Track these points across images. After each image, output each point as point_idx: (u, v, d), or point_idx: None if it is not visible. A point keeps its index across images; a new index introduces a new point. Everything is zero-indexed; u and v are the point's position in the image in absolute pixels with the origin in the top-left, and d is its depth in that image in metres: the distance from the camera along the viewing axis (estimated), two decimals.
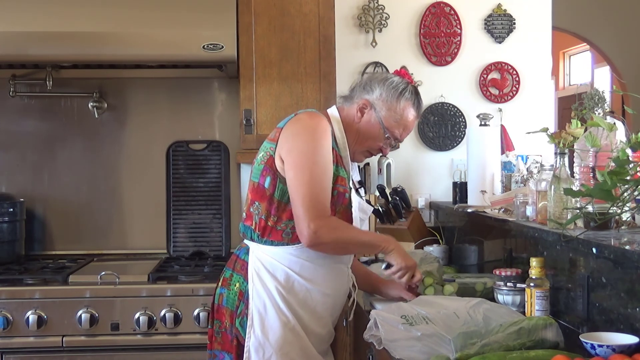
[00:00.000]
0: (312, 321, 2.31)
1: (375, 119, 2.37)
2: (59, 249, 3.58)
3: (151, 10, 3.11)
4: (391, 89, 2.37)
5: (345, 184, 2.31)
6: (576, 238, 2.09)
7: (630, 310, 1.90)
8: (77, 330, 2.90)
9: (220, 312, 2.35)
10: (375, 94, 2.37)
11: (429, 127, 3.77)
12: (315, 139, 2.23)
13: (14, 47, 3.07)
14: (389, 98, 2.36)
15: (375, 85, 2.38)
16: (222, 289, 2.36)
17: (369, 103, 2.37)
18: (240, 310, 2.28)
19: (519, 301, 2.38)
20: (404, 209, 3.44)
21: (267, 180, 2.27)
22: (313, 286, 2.29)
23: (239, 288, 2.30)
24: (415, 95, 2.41)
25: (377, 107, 2.36)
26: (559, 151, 2.35)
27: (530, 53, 3.82)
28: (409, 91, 2.39)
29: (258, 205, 2.29)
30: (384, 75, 2.44)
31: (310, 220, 2.16)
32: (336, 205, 2.28)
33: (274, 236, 2.28)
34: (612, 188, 1.95)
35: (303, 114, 2.32)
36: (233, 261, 2.38)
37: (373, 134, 2.39)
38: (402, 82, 2.40)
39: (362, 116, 2.37)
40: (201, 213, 3.54)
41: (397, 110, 2.37)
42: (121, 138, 3.63)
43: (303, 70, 3.29)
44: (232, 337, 2.30)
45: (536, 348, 1.93)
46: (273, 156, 2.27)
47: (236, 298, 2.30)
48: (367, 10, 3.73)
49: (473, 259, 3.19)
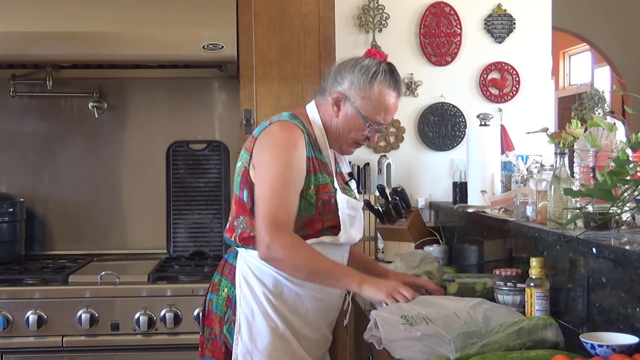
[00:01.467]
0: (304, 326, 2.23)
1: (352, 111, 2.24)
2: (59, 249, 3.58)
3: (151, 10, 3.11)
4: (362, 74, 2.21)
5: (329, 189, 2.22)
6: (576, 238, 2.09)
7: (630, 310, 1.90)
8: (77, 330, 2.91)
9: (210, 318, 2.28)
10: (346, 84, 2.23)
11: (429, 127, 3.77)
12: (282, 154, 2.14)
13: (14, 47, 3.07)
14: (360, 85, 2.21)
15: (345, 74, 2.24)
16: (211, 295, 2.30)
17: (342, 95, 2.23)
18: (228, 317, 2.22)
19: (519, 301, 2.38)
20: (404, 209, 3.45)
21: (244, 193, 2.22)
22: (303, 291, 2.21)
23: (227, 294, 2.23)
24: (390, 74, 2.24)
25: (351, 98, 2.22)
26: (559, 151, 2.35)
27: (530, 53, 3.82)
28: (382, 72, 2.22)
29: (243, 220, 2.23)
30: (354, 60, 2.27)
31: (265, 233, 2.08)
32: (323, 214, 2.21)
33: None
34: (612, 188, 1.95)
35: (275, 125, 2.21)
36: (222, 265, 2.32)
37: (354, 125, 2.26)
38: (373, 64, 2.24)
39: (338, 110, 2.25)
40: (201, 213, 3.54)
41: (372, 95, 2.22)
42: (121, 138, 3.63)
43: (303, 70, 3.29)
44: (221, 343, 2.24)
45: (536, 348, 1.93)
46: (247, 168, 2.21)
47: (224, 304, 2.23)
48: (367, 10, 3.73)
49: (473, 259, 3.19)
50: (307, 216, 2.18)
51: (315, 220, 2.20)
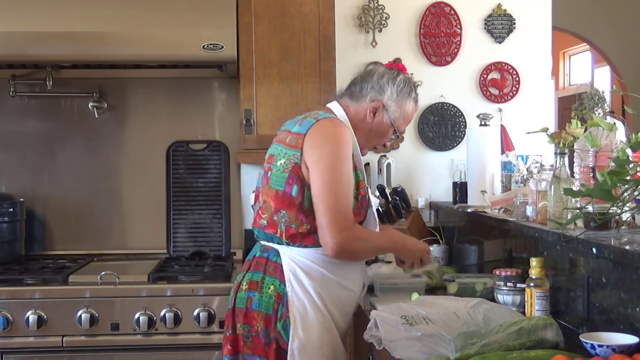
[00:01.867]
0: (340, 318, 2.36)
1: (387, 120, 2.44)
2: (59, 249, 3.58)
3: (151, 10, 3.11)
4: (401, 89, 2.44)
5: (364, 185, 2.36)
6: (576, 238, 2.09)
7: (630, 310, 1.90)
8: (77, 330, 2.90)
9: (249, 315, 2.31)
10: (386, 95, 2.43)
11: (429, 127, 3.77)
12: (340, 150, 2.27)
13: (14, 47, 3.07)
14: (400, 99, 2.44)
15: (385, 85, 2.43)
16: (251, 292, 2.32)
17: (382, 104, 2.42)
18: (281, 313, 2.27)
19: (519, 301, 2.38)
20: (404, 209, 3.44)
21: (294, 188, 2.27)
22: (344, 284, 2.35)
23: (275, 290, 2.29)
24: (416, 91, 2.52)
25: (389, 109, 2.43)
26: (559, 151, 2.35)
27: (530, 53, 3.82)
28: (414, 90, 2.49)
29: (285, 214, 2.29)
30: (390, 73, 2.47)
31: (337, 231, 2.21)
32: (361, 208, 2.34)
33: (306, 241, 2.30)
34: (612, 188, 1.96)
35: (325, 122, 2.32)
36: (262, 264, 2.34)
37: (383, 132, 2.46)
38: (407, 81, 2.48)
39: (374, 116, 2.43)
40: (201, 213, 3.54)
41: (406, 110, 2.47)
42: (121, 138, 3.63)
43: (303, 70, 3.29)
44: (266, 340, 2.28)
45: (536, 348, 1.93)
46: (299, 164, 2.27)
47: (272, 301, 2.28)
48: (367, 10, 3.73)
49: (473, 259, 3.19)
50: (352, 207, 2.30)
51: (355, 214, 2.32)
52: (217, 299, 2.93)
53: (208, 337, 2.92)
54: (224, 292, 2.84)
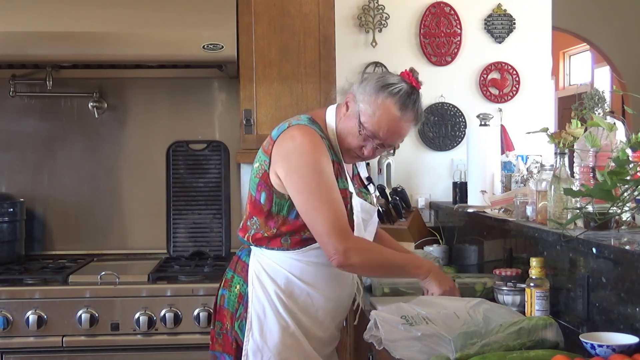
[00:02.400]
0: (314, 326, 2.27)
1: (353, 110, 2.20)
2: (59, 249, 3.58)
3: (151, 10, 3.11)
4: (376, 81, 2.19)
5: (346, 194, 2.22)
6: (576, 238, 2.09)
7: (630, 310, 1.90)
8: (77, 330, 2.91)
9: (221, 313, 2.32)
10: (360, 86, 2.21)
11: (429, 127, 3.77)
12: (312, 160, 2.14)
13: (14, 47, 3.07)
14: (369, 89, 2.17)
15: (368, 79, 2.22)
16: (223, 290, 2.34)
17: (352, 95, 2.21)
18: (240, 313, 2.25)
19: (519, 301, 2.38)
20: (404, 209, 3.44)
21: (262, 195, 2.22)
22: (314, 291, 2.25)
23: (239, 290, 2.27)
24: (405, 96, 2.17)
25: (358, 98, 2.19)
26: (559, 151, 2.35)
27: (530, 53, 3.82)
28: (397, 89, 2.16)
29: (256, 221, 2.26)
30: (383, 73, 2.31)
31: (338, 243, 2.11)
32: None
33: (273, 243, 2.24)
34: (612, 188, 1.95)
35: (295, 129, 2.18)
36: (235, 262, 2.35)
37: (351, 128, 2.21)
38: (394, 79, 2.20)
39: (347, 111, 2.23)
40: (201, 213, 3.54)
41: (374, 104, 2.16)
42: (121, 138, 3.63)
43: (303, 70, 3.29)
44: (232, 339, 2.28)
45: (536, 348, 1.93)
46: (267, 171, 2.20)
47: (236, 300, 2.27)
48: (367, 10, 3.73)
49: (473, 259, 3.19)
50: None
51: None
52: None
53: (208, 337, 2.90)
54: None
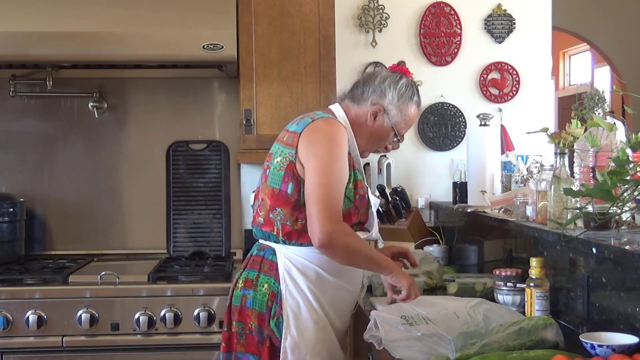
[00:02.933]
0: (337, 318, 2.36)
1: (387, 123, 2.43)
2: (59, 249, 3.58)
3: (151, 10, 3.11)
4: (402, 93, 2.43)
5: (363, 185, 2.37)
6: (576, 238, 2.09)
7: (630, 310, 1.90)
8: (77, 330, 2.90)
9: (244, 313, 2.34)
10: (387, 99, 2.42)
11: (429, 127, 3.77)
12: (333, 147, 2.26)
13: (14, 47, 3.07)
14: (401, 103, 2.43)
15: (387, 89, 2.42)
16: (246, 290, 2.35)
17: (383, 108, 2.42)
18: (274, 311, 2.29)
19: (519, 301, 2.38)
20: (404, 209, 3.45)
21: (289, 186, 2.28)
22: (341, 283, 2.34)
23: (270, 289, 2.31)
24: (418, 95, 2.50)
25: (390, 113, 2.42)
26: (559, 151, 2.35)
27: (530, 53, 3.82)
28: (416, 93, 2.47)
29: (280, 212, 2.30)
30: (392, 77, 2.46)
31: (326, 221, 2.18)
32: (359, 208, 2.34)
33: (302, 238, 2.30)
34: (612, 188, 1.95)
35: (321, 121, 2.32)
36: (258, 262, 2.37)
37: (383, 136, 2.46)
38: (409, 85, 2.46)
39: (374, 120, 2.42)
40: (201, 213, 3.54)
41: (408, 114, 2.45)
42: (121, 138, 3.63)
43: (303, 70, 3.29)
44: (260, 338, 2.30)
45: (536, 348, 1.93)
46: (294, 162, 2.28)
47: (266, 299, 2.30)
48: (367, 10, 3.73)
49: (473, 259, 3.19)
50: (346, 208, 2.30)
51: (352, 214, 2.32)
52: (217, 299, 2.93)
53: (208, 337, 2.92)
54: (223, 292, 2.84)
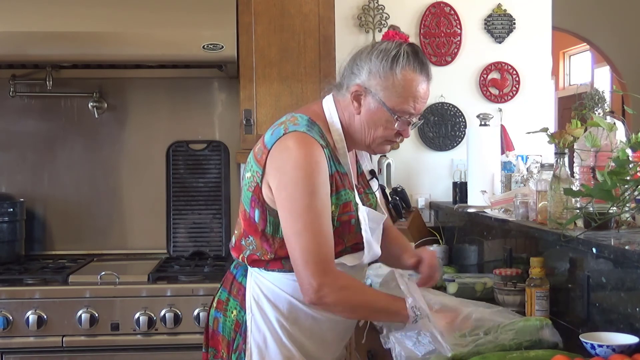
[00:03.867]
0: (320, 350, 2.05)
1: (375, 104, 1.96)
2: (59, 249, 3.58)
3: (151, 10, 3.11)
4: (381, 60, 1.94)
5: (351, 207, 1.98)
6: (576, 238, 2.09)
7: (630, 310, 1.90)
8: (77, 330, 2.90)
9: (215, 339, 2.07)
10: (364, 74, 1.96)
11: (429, 127, 3.77)
12: (306, 177, 1.88)
13: (14, 47, 3.07)
14: (381, 72, 1.94)
15: (362, 63, 1.98)
16: (217, 313, 2.08)
17: (361, 88, 1.97)
18: (237, 344, 2.00)
19: (519, 301, 2.38)
20: (404, 209, 3.44)
21: (256, 213, 1.98)
22: (320, 314, 1.99)
23: (236, 317, 2.02)
24: (414, 56, 1.97)
25: (372, 89, 1.95)
26: (559, 151, 2.35)
27: (530, 53, 3.82)
28: (404, 55, 1.95)
29: (252, 241, 2.00)
30: (369, 47, 2.01)
31: (312, 277, 1.86)
32: (342, 235, 1.97)
33: (272, 266, 1.99)
34: (612, 188, 1.95)
35: (292, 140, 1.92)
36: (229, 281, 2.08)
37: (380, 120, 1.98)
38: (392, 47, 1.96)
39: (360, 105, 1.98)
40: (201, 213, 3.54)
41: (396, 83, 1.94)
42: (121, 138, 3.63)
43: (303, 70, 3.29)
44: None
45: (534, 348, 1.92)
46: (260, 185, 1.95)
47: (232, 328, 2.02)
48: (367, 10, 3.73)
49: (473, 259, 3.19)
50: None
51: (336, 243, 1.94)
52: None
53: None
54: None
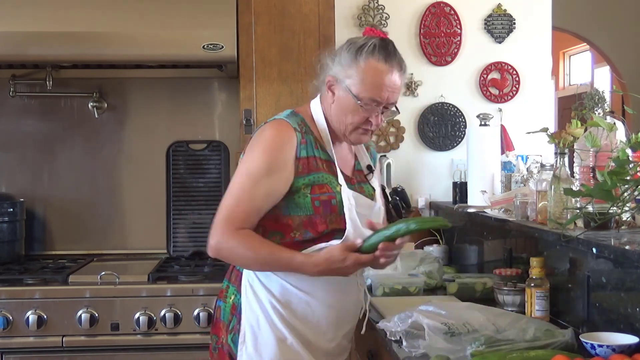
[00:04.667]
0: (317, 337, 2.11)
1: (343, 92, 2.09)
2: (59, 249, 3.58)
3: (151, 10, 3.11)
4: (346, 50, 2.10)
5: (329, 189, 2.08)
6: (576, 238, 2.09)
7: (630, 310, 1.90)
8: (77, 330, 2.90)
9: (217, 326, 2.19)
10: (335, 66, 2.11)
11: (429, 127, 3.77)
12: (264, 154, 2.06)
13: (14, 47, 3.07)
14: (346, 61, 2.08)
15: (333, 55, 2.13)
16: (219, 301, 2.21)
17: (332, 78, 2.11)
18: (233, 326, 2.12)
19: (519, 301, 2.38)
20: (404, 209, 3.45)
21: None
22: (313, 299, 2.09)
23: (233, 301, 2.14)
24: (381, 48, 2.07)
25: (339, 77, 2.09)
26: (559, 151, 2.35)
27: (530, 53, 3.82)
28: (369, 45, 2.07)
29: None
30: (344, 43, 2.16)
31: (217, 232, 2.04)
32: (324, 215, 2.07)
33: None
34: (612, 188, 1.95)
35: (268, 125, 2.13)
36: (230, 271, 2.22)
37: (348, 107, 2.09)
38: (361, 40, 2.11)
39: (333, 95, 2.12)
40: (201, 213, 3.54)
41: (359, 70, 2.06)
42: (121, 138, 3.63)
43: (303, 70, 3.28)
44: (227, 353, 2.14)
45: None
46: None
47: (230, 312, 2.14)
48: (367, 10, 3.73)
49: (473, 259, 3.19)
50: (304, 214, 2.07)
51: (318, 222, 2.07)
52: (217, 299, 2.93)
53: (208, 337, 2.89)
54: None
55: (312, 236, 2.09)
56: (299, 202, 2.08)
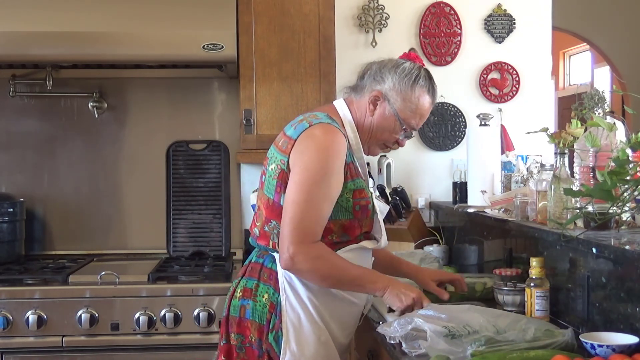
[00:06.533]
0: (339, 332, 2.20)
1: (389, 111, 2.22)
2: (59, 249, 3.58)
3: (151, 10, 3.11)
4: (404, 76, 2.21)
5: (366, 194, 2.20)
6: (576, 238, 2.09)
7: (630, 310, 1.90)
8: (77, 330, 2.90)
9: (243, 325, 2.18)
10: (387, 84, 2.22)
11: (429, 127, 3.77)
12: (324, 160, 2.09)
13: (14, 47, 3.07)
14: (402, 87, 2.21)
15: (387, 73, 2.23)
16: (244, 301, 2.18)
17: (381, 94, 2.22)
18: (273, 324, 2.13)
19: (519, 301, 2.38)
20: (404, 209, 3.44)
21: (282, 197, 2.13)
22: (344, 295, 2.18)
23: (269, 300, 2.15)
24: (429, 81, 2.26)
25: (390, 99, 2.22)
26: (559, 151, 2.35)
27: (530, 53, 3.82)
28: (423, 77, 2.24)
29: (276, 225, 2.15)
30: (395, 62, 2.26)
31: (290, 243, 2.04)
32: (361, 220, 2.18)
33: None
34: (612, 188, 1.95)
35: (317, 128, 2.13)
36: (257, 270, 2.21)
37: (388, 126, 2.25)
38: (414, 68, 2.24)
39: (374, 109, 2.23)
40: (201, 213, 3.54)
41: (412, 99, 2.22)
42: (121, 138, 3.63)
43: (303, 70, 3.29)
44: (260, 352, 2.15)
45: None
46: (285, 171, 2.13)
47: (266, 310, 2.14)
48: (367, 10, 3.73)
49: (473, 259, 3.19)
50: (345, 219, 2.15)
51: (355, 226, 2.17)
52: (217, 299, 2.94)
53: (208, 337, 2.92)
54: (223, 292, 2.82)
55: (348, 239, 2.19)
56: (343, 206, 2.14)
